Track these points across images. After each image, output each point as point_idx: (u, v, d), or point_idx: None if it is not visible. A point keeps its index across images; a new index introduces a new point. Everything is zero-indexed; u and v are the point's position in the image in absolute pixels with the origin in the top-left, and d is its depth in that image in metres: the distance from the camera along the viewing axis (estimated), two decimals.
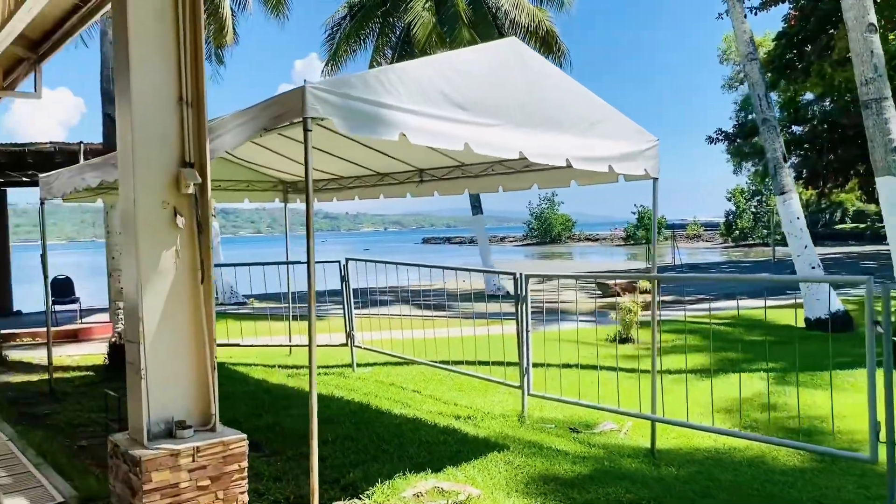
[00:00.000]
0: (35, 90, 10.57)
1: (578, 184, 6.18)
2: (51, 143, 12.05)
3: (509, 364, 8.02)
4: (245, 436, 4.12)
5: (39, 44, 10.34)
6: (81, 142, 12.13)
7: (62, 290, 13.06)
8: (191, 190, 4.09)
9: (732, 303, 15.03)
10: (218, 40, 20.32)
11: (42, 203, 8.17)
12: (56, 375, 9.23)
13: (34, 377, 9.19)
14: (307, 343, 9.75)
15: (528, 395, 6.53)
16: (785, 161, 12.70)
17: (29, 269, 19.89)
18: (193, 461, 3.91)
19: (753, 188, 60.49)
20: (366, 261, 8.65)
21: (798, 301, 13.59)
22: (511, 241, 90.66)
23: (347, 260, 8.76)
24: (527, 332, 6.45)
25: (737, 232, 62.17)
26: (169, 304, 4.03)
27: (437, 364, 8.14)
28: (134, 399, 4.01)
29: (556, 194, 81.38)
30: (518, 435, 6.07)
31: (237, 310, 16.71)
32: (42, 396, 8.04)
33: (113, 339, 9.41)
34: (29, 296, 20.11)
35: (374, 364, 9.32)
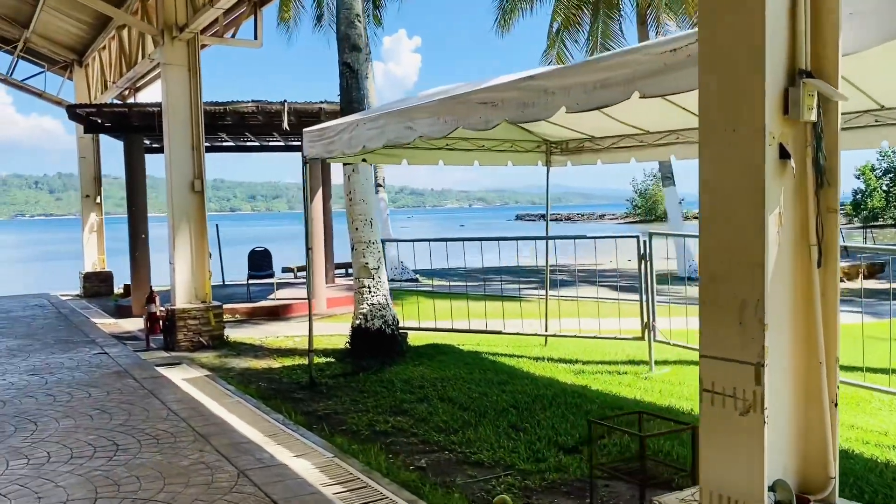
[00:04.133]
0: (255, 37, 9.45)
1: None
2: (252, 101, 10.95)
3: (849, 368, 6.16)
4: None
5: None
6: (285, 100, 10.98)
7: (260, 262, 12.08)
8: (813, 116, 2.51)
9: None
10: None
11: (305, 164, 6.92)
12: (293, 361, 8.12)
13: (274, 363, 8.08)
14: (562, 333, 8.23)
15: None
16: None
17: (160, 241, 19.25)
18: None
19: (885, 164, 55.77)
20: (670, 235, 7.00)
21: None
22: (612, 219, 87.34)
23: (651, 235, 7.13)
24: None
25: (865, 212, 57.52)
26: (770, 297, 2.49)
27: None
28: (734, 450, 2.49)
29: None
30: None
31: (416, 287, 15.52)
32: (303, 390, 6.86)
33: (357, 322, 8.17)
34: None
35: (666, 362, 7.67)
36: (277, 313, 11.43)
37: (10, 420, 5.65)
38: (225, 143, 14.38)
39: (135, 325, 11.00)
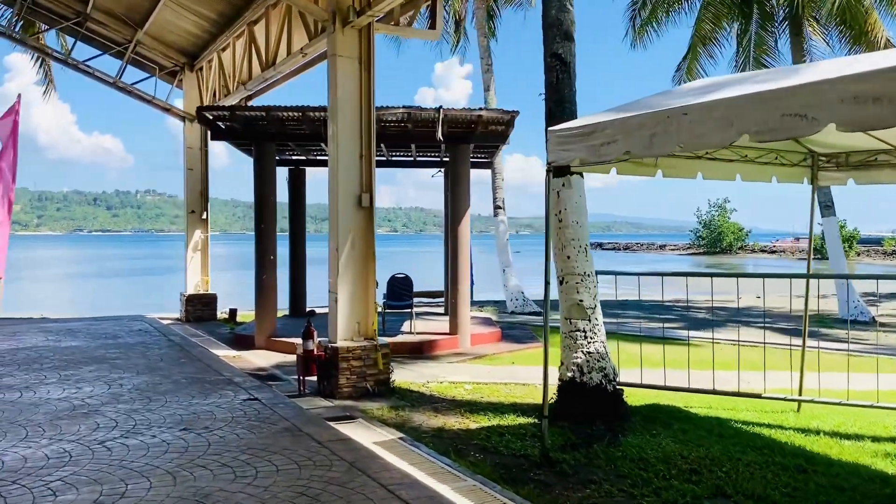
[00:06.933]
0: (433, 26, 8.03)
1: None
2: (404, 107, 9.52)
3: None
4: None
5: None
6: (441, 106, 9.53)
7: (400, 290, 10.58)
8: None
9: None
10: None
11: (549, 172, 5.38)
12: (489, 421, 6.52)
13: (468, 422, 6.47)
14: (852, 401, 6.40)
15: None
16: None
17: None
18: None
19: None
20: None
21: None
22: (673, 250, 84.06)
23: None
24: None
25: None
26: None
27: None
28: None
29: (728, 200, 74.78)
30: None
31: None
32: (538, 468, 5.22)
33: (570, 375, 6.53)
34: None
35: None
36: (421, 350, 9.88)
37: None
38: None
39: (263, 358, 9.60)
